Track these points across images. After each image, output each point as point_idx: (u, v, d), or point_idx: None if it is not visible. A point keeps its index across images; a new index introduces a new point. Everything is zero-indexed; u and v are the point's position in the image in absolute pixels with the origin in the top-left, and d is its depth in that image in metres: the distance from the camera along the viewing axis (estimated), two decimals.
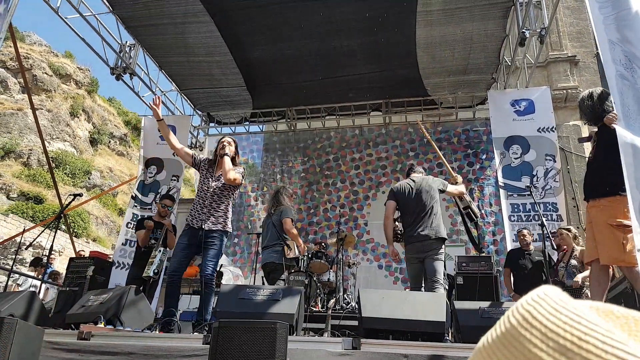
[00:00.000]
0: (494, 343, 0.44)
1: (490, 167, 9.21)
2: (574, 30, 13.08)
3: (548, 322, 0.40)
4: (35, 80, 23.17)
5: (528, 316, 0.42)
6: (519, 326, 0.42)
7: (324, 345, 3.19)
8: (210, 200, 4.49)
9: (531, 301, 0.43)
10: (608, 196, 3.48)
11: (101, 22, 7.77)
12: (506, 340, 0.42)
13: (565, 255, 5.73)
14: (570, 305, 0.42)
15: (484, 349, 0.44)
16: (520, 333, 0.41)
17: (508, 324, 0.43)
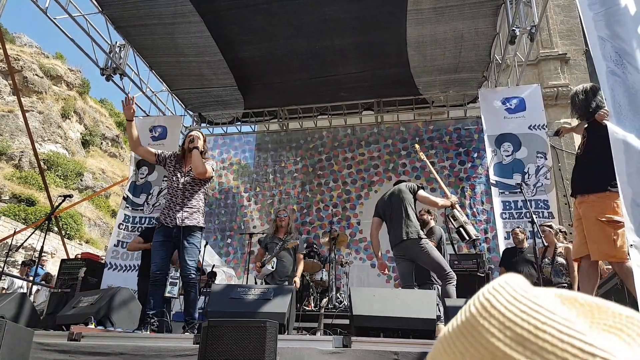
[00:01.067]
0: (454, 332, 0.43)
1: (481, 166, 9.25)
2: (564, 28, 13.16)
3: (506, 311, 0.40)
4: (26, 81, 23.00)
5: (487, 305, 0.41)
6: (478, 315, 0.41)
7: (315, 344, 3.19)
8: (181, 197, 4.35)
9: (492, 290, 0.43)
10: (597, 192, 3.49)
11: (90, 22, 7.74)
12: (465, 330, 0.42)
13: (548, 252, 5.75)
14: (530, 293, 0.41)
15: (445, 339, 0.44)
16: (479, 322, 0.41)
17: (468, 313, 0.43)
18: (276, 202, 10.07)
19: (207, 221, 10.01)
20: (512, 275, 0.44)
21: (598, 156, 3.41)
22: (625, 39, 3.30)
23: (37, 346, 3.25)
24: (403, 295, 4.01)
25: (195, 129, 6.47)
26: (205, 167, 4.33)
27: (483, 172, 9.12)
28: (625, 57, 3.26)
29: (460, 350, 0.41)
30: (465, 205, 9.15)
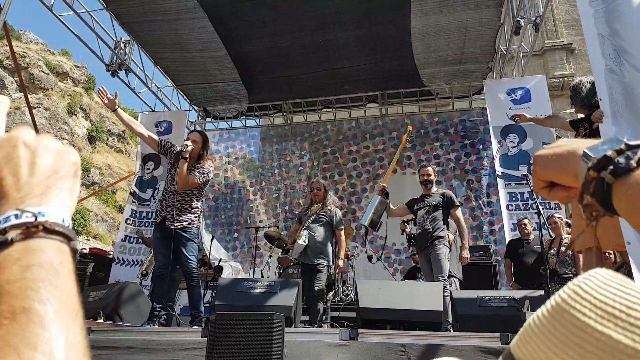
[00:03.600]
0: (544, 317, 0.46)
1: (487, 157, 9.21)
2: (569, 18, 13.04)
3: (597, 294, 0.44)
4: (32, 78, 23.09)
5: (579, 290, 0.45)
6: (569, 299, 0.45)
7: (322, 337, 3.22)
8: (173, 199, 4.29)
9: (582, 279, 0.47)
10: None
11: (95, 19, 7.76)
12: (556, 313, 0.45)
13: (555, 243, 5.74)
14: (619, 279, 0.45)
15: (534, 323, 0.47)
16: (570, 305, 0.44)
17: (558, 298, 0.46)
18: (282, 196, 10.09)
19: (213, 215, 10.16)
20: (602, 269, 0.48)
21: None
22: (624, 37, 3.28)
23: None
24: (409, 287, 4.02)
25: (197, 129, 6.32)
26: (186, 181, 4.16)
27: (489, 164, 9.09)
28: (623, 55, 3.24)
29: (549, 330, 0.44)
30: (470, 197, 9.13)
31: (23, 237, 0.42)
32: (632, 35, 3.23)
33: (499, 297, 3.73)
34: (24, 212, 0.43)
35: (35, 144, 0.48)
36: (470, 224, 8.88)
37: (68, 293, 0.41)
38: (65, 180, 0.48)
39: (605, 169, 0.52)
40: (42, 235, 0.42)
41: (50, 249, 0.42)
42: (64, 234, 0.44)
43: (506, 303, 3.61)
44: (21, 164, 0.46)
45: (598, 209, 0.55)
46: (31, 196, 0.44)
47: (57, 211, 0.45)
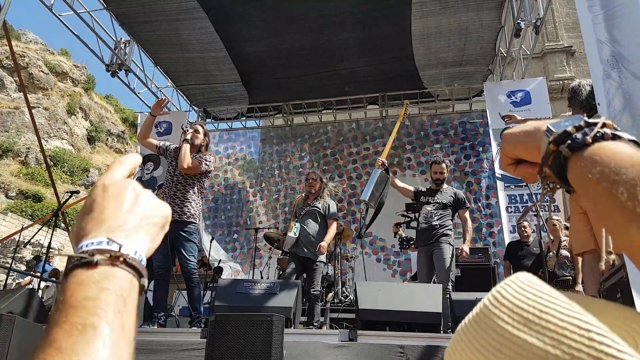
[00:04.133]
0: (469, 323, 0.48)
1: (486, 159, 9.23)
2: (569, 21, 13.06)
3: (514, 299, 0.45)
4: (32, 78, 23.10)
5: (498, 296, 0.47)
6: (490, 305, 0.47)
7: (321, 338, 3.22)
8: (174, 190, 4.33)
9: (503, 284, 0.48)
10: None
11: (95, 19, 7.76)
12: (479, 319, 0.47)
13: (554, 245, 5.75)
14: (536, 284, 0.46)
15: (461, 329, 0.49)
16: (490, 311, 0.46)
17: (482, 305, 0.48)
18: (282, 198, 10.10)
19: (212, 216, 10.16)
20: (522, 273, 0.49)
21: None
22: (622, 43, 3.28)
23: None
24: (408, 289, 4.03)
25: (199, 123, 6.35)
26: (189, 162, 4.25)
27: (488, 166, 9.10)
28: (622, 61, 3.24)
29: (473, 335, 0.46)
30: (470, 199, 9.14)
31: (108, 263, 0.47)
32: (630, 42, 3.23)
33: None
34: (113, 242, 0.48)
35: (140, 192, 0.56)
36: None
37: (130, 322, 0.46)
38: (153, 227, 0.54)
39: (564, 143, 0.55)
40: (122, 266, 0.47)
41: (125, 279, 0.47)
42: (138, 270, 0.49)
43: None
44: (125, 201, 0.53)
45: (555, 181, 0.58)
46: (122, 229, 0.50)
47: (138, 249, 0.50)
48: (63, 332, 0.41)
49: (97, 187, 0.55)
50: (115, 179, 0.56)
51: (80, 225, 0.52)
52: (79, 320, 0.42)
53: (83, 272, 0.46)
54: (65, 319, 0.42)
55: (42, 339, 0.42)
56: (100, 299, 0.44)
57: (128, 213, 0.52)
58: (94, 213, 0.51)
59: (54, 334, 0.41)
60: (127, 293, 0.46)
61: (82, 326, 0.41)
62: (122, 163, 0.60)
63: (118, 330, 0.43)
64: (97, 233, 0.49)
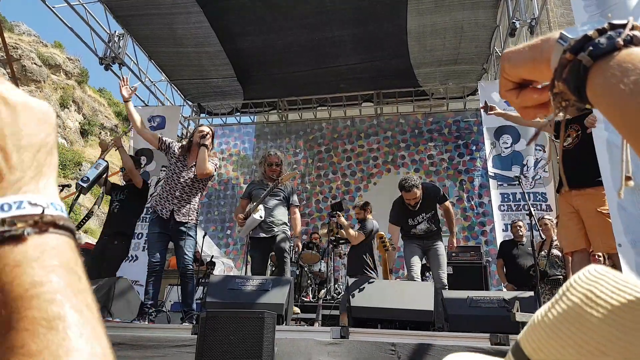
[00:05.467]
0: (556, 319, 0.46)
1: (480, 158, 9.26)
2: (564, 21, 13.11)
3: (614, 301, 0.43)
4: (25, 70, 22.89)
5: (592, 296, 0.44)
6: (582, 304, 0.44)
7: (313, 335, 3.22)
8: (181, 191, 4.28)
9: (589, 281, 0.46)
10: (595, 186, 3.49)
11: (89, 11, 7.69)
12: (570, 317, 0.44)
13: (545, 244, 5.77)
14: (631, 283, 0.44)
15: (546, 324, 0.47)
16: (585, 311, 0.44)
17: (569, 302, 0.45)
18: None
19: (206, 212, 10.13)
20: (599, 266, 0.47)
21: (593, 150, 3.40)
22: None
23: None
24: (400, 287, 4.03)
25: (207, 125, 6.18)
26: (208, 168, 4.25)
27: (481, 165, 9.13)
28: None
29: (568, 335, 0.44)
30: (463, 198, 9.17)
31: (37, 231, 0.37)
32: None
33: (489, 298, 3.74)
34: (31, 203, 0.38)
35: (14, 102, 0.40)
36: (461, 224, 8.92)
37: (91, 296, 0.38)
38: (52, 155, 0.42)
39: (584, 49, 0.45)
40: (54, 230, 0.38)
41: (65, 247, 0.38)
42: (70, 229, 0.40)
43: (496, 304, 3.63)
44: (6, 132, 0.38)
45: (569, 97, 0.48)
46: (25, 179, 0.38)
47: (54, 198, 0.40)
48: (25, 332, 0.33)
49: None
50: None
51: None
52: (39, 315, 0.34)
53: (11, 249, 0.36)
54: (21, 315, 0.34)
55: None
56: (52, 281, 0.35)
57: (19, 150, 0.38)
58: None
59: (12, 339, 0.33)
60: (74, 262, 0.38)
61: (46, 321, 0.34)
62: None
63: (86, 312, 0.36)
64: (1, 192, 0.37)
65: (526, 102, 0.54)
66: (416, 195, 4.72)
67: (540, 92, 0.52)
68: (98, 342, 0.36)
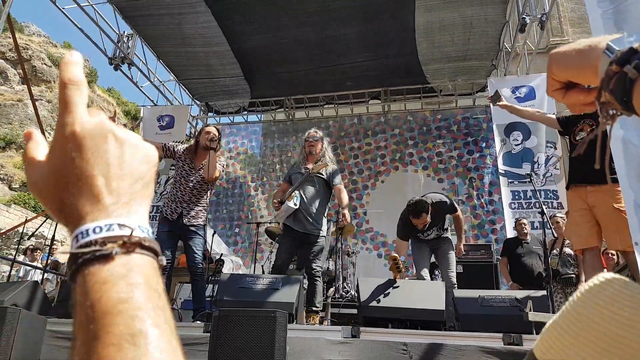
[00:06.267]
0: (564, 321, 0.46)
1: (490, 156, 9.19)
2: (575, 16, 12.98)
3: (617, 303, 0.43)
4: (35, 71, 23.08)
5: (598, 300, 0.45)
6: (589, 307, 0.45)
7: (324, 334, 3.21)
8: (189, 195, 4.30)
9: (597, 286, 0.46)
10: (612, 182, 3.44)
11: (99, 12, 7.73)
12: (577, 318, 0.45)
13: (557, 243, 5.72)
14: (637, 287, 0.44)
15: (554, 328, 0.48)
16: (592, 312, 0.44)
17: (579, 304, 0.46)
18: None
19: (214, 210, 10.16)
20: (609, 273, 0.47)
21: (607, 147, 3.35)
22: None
23: (50, 334, 3.29)
24: (411, 286, 4.01)
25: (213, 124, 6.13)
26: (218, 172, 4.26)
27: (491, 162, 9.07)
28: None
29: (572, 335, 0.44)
30: (472, 195, 9.12)
31: (124, 251, 0.41)
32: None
33: (501, 297, 3.71)
34: (124, 226, 0.42)
35: (123, 140, 0.45)
36: (471, 222, 8.88)
37: (170, 313, 0.41)
38: (148, 188, 0.46)
39: (630, 62, 0.46)
40: (139, 251, 0.42)
41: (147, 266, 0.42)
42: (155, 251, 0.43)
43: (508, 303, 3.60)
44: (111, 162, 0.44)
45: (616, 107, 0.49)
46: (120, 204, 0.43)
47: (143, 222, 0.44)
48: (111, 347, 0.36)
49: (67, 140, 0.43)
50: (86, 124, 0.44)
51: (65, 199, 0.43)
52: (124, 330, 0.37)
53: (101, 267, 0.40)
54: (107, 330, 0.37)
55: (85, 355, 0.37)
56: (135, 298, 0.39)
57: (120, 179, 0.44)
58: (81, 184, 0.42)
59: (100, 351, 0.36)
60: (156, 281, 0.42)
61: (130, 336, 0.37)
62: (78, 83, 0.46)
63: (165, 328, 0.39)
64: (96, 214, 0.41)
65: (572, 101, 0.56)
66: (425, 220, 4.50)
67: (586, 94, 0.53)
68: (174, 354, 0.39)
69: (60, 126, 0.44)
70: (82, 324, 0.38)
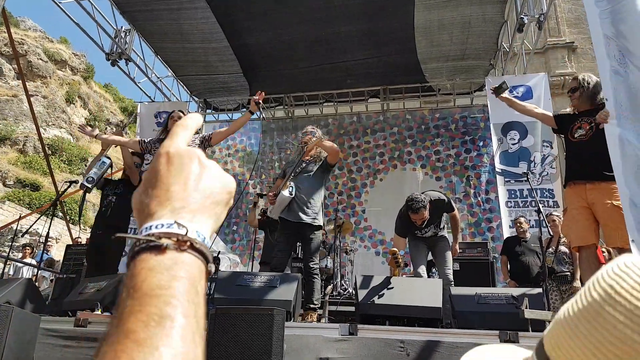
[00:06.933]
0: (575, 316, 0.45)
1: (487, 154, 9.22)
2: (572, 17, 13.00)
3: (632, 298, 0.41)
4: (31, 66, 22.95)
5: (611, 291, 0.42)
6: (602, 302, 0.43)
7: (321, 331, 3.21)
8: None
9: (613, 274, 0.44)
10: (608, 180, 3.45)
11: (96, 6, 7.68)
12: (589, 315, 0.43)
13: (553, 241, 5.75)
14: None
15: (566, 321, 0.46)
16: (603, 309, 0.42)
17: (590, 297, 0.44)
18: None
19: None
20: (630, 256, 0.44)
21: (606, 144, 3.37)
22: (628, 38, 3.26)
23: (43, 332, 3.28)
24: (408, 283, 4.02)
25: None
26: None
27: (488, 161, 9.10)
28: (628, 56, 3.23)
29: (584, 333, 0.43)
30: (469, 194, 9.14)
31: (176, 247, 0.45)
32: (637, 36, 3.21)
33: (497, 295, 3.72)
34: (181, 226, 0.46)
35: (206, 165, 0.53)
36: (468, 220, 8.90)
37: (202, 313, 0.44)
38: (218, 206, 0.52)
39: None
40: (190, 251, 0.46)
41: (195, 266, 0.46)
42: (205, 256, 0.47)
43: (504, 300, 3.61)
44: (191, 177, 0.50)
45: None
46: (187, 210, 0.48)
47: (202, 231, 0.48)
48: (140, 322, 0.40)
49: (161, 157, 0.52)
50: (179, 148, 0.53)
51: (144, 200, 0.50)
52: (155, 311, 0.40)
53: (152, 256, 0.44)
54: (141, 309, 0.41)
55: (115, 327, 0.40)
56: (173, 287, 0.42)
57: (193, 191, 0.50)
58: (158, 189, 0.49)
59: (129, 324, 0.40)
60: (198, 281, 0.45)
61: (159, 317, 0.40)
62: (186, 127, 0.56)
63: (193, 322, 0.42)
64: (162, 213, 0.47)
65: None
66: (424, 215, 4.54)
67: None
68: (194, 346, 0.41)
69: (160, 149, 0.53)
70: (122, 301, 0.42)
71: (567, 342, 0.44)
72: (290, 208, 4.40)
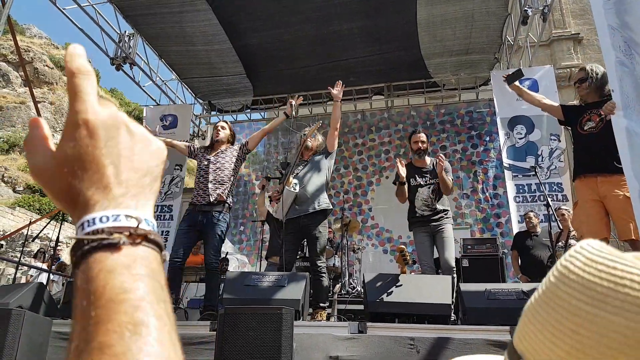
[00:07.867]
0: (536, 302, 0.45)
1: (494, 149, 9.16)
2: (577, 8, 12.89)
3: (584, 273, 0.42)
4: (37, 73, 23.13)
5: (565, 271, 0.43)
6: (558, 282, 0.43)
7: (331, 330, 3.21)
8: (214, 184, 4.66)
9: (568, 257, 0.45)
10: (620, 173, 3.40)
11: (99, 12, 7.72)
12: (547, 297, 0.44)
13: (563, 235, 5.70)
14: (605, 252, 0.43)
15: (529, 310, 0.46)
16: (559, 289, 0.43)
17: (548, 282, 0.45)
18: None
19: None
20: (589, 240, 0.45)
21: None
22: (634, 29, 3.23)
23: (55, 335, 3.30)
24: (417, 280, 4.00)
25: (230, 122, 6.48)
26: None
27: (495, 156, 9.04)
28: (634, 48, 3.20)
29: (544, 317, 0.43)
30: (477, 189, 9.09)
31: (131, 242, 0.42)
32: None
33: (507, 290, 3.70)
34: (131, 217, 0.42)
35: (134, 132, 0.46)
36: (476, 216, 8.86)
37: (170, 307, 0.42)
38: (156, 182, 0.47)
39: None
40: (145, 244, 0.43)
41: (152, 259, 0.43)
42: (159, 245, 0.44)
43: (514, 296, 3.58)
44: (123, 153, 0.44)
45: None
46: (129, 196, 0.43)
47: (149, 216, 0.44)
48: (114, 334, 0.37)
49: (80, 127, 0.43)
50: (99, 114, 0.44)
51: (73, 184, 0.43)
52: (126, 319, 0.37)
53: (107, 256, 0.40)
54: (110, 318, 0.37)
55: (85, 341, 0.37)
56: (138, 288, 0.39)
57: (130, 170, 0.44)
58: (91, 172, 0.42)
59: (102, 337, 0.37)
60: (159, 274, 0.42)
61: (132, 325, 0.37)
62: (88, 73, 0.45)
63: (165, 319, 0.40)
64: (104, 203, 0.42)
65: None
66: (423, 139, 4.91)
67: None
68: (173, 347, 0.39)
69: (73, 114, 0.44)
70: (84, 310, 0.38)
71: (530, 329, 0.45)
72: (295, 203, 4.46)
